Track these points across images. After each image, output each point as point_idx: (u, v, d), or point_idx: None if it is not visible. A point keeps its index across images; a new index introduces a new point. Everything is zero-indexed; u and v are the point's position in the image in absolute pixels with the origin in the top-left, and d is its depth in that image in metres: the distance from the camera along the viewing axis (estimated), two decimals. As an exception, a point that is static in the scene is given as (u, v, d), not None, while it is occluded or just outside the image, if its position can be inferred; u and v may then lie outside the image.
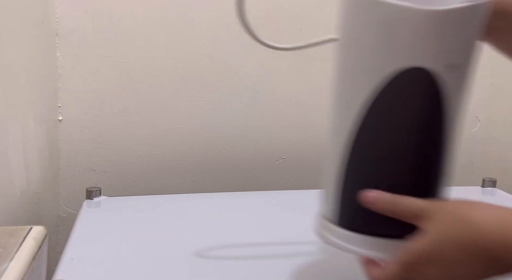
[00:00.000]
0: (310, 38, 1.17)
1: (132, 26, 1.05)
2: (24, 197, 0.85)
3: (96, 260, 0.71)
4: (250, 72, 1.12)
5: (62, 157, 1.07)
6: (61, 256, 0.71)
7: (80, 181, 1.08)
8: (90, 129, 1.07)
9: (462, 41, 0.47)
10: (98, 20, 1.04)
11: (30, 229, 0.64)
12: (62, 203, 1.09)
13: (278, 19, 1.11)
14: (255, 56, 1.12)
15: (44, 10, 0.99)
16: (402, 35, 0.45)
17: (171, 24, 1.07)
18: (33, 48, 0.92)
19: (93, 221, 0.84)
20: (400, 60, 0.45)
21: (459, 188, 1.11)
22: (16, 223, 0.75)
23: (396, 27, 0.45)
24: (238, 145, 1.13)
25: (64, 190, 1.09)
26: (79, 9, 1.03)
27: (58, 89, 1.05)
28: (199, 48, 1.08)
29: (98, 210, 0.88)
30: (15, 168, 0.81)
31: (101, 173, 1.09)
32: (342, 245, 0.51)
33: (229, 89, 1.10)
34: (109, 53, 1.05)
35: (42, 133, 0.97)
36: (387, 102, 0.47)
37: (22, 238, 0.61)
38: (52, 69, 1.03)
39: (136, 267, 0.69)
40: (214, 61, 1.01)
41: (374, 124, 0.49)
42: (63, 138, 1.07)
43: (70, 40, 1.03)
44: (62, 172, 1.08)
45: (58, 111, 1.06)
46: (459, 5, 0.44)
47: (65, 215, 1.07)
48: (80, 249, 0.73)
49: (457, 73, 0.47)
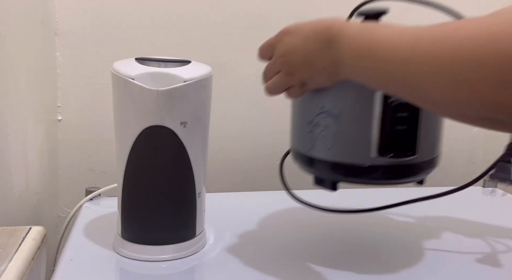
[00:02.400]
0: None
1: (132, 26, 1.05)
2: (23, 197, 0.85)
3: (95, 260, 0.70)
4: (250, 71, 1.12)
5: (62, 157, 1.07)
6: (60, 256, 0.71)
7: (79, 181, 1.07)
8: (90, 129, 1.07)
9: (189, 106, 0.67)
10: (97, 20, 1.04)
11: (29, 229, 0.63)
12: (61, 203, 1.09)
13: (278, 19, 1.11)
14: (255, 56, 1.12)
15: (44, 10, 0.98)
16: (144, 104, 0.65)
17: (171, 24, 1.06)
18: (33, 48, 0.92)
19: (93, 221, 0.83)
20: (147, 120, 0.66)
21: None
22: (16, 223, 0.75)
23: (139, 99, 0.65)
24: (238, 145, 1.13)
25: (63, 190, 1.08)
26: (78, 9, 1.03)
27: (58, 89, 1.05)
28: (199, 48, 1.08)
29: (98, 210, 0.88)
30: (14, 168, 0.81)
31: (100, 173, 1.09)
32: (126, 253, 0.71)
33: (229, 88, 1.10)
34: (109, 53, 1.04)
35: (41, 133, 0.97)
36: (143, 146, 0.67)
37: (21, 238, 0.61)
38: (51, 69, 1.03)
39: (135, 268, 0.69)
40: (214, 61, 1.00)
41: (138, 160, 0.68)
42: (62, 138, 1.07)
43: (69, 40, 1.03)
44: (61, 172, 1.08)
45: (57, 111, 1.05)
46: (178, 84, 0.65)
47: (65, 216, 1.07)
48: (80, 250, 0.73)
49: (190, 127, 0.67)
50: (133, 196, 0.70)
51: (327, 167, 0.64)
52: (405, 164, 0.63)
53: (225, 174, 0.87)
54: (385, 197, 1.02)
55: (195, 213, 0.72)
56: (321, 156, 0.64)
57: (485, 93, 0.37)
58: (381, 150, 0.61)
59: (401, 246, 0.80)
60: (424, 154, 0.64)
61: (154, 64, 0.68)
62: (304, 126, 0.66)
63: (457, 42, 0.39)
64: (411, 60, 0.43)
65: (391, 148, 0.61)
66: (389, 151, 0.61)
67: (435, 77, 0.41)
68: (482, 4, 1.11)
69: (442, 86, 0.40)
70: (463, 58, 0.38)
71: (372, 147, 0.61)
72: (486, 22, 0.38)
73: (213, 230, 0.81)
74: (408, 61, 0.43)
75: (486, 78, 0.37)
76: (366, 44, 0.48)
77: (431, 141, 0.65)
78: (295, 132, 0.69)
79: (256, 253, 0.74)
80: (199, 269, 0.71)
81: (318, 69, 0.56)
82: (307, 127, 0.65)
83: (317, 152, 0.64)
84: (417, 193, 0.79)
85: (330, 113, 0.62)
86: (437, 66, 0.40)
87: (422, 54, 0.42)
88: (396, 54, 0.45)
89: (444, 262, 0.74)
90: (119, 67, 0.67)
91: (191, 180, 0.70)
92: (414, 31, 0.44)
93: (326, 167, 0.65)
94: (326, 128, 0.63)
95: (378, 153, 0.61)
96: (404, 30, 0.46)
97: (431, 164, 0.66)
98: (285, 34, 0.60)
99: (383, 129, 0.61)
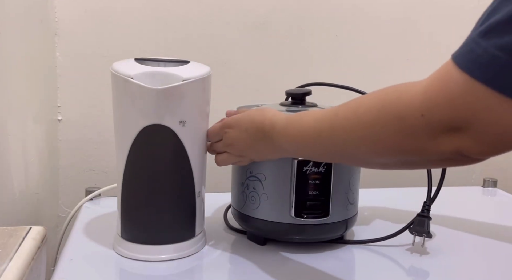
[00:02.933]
0: (310, 37, 1.18)
1: (131, 26, 1.05)
2: (23, 197, 0.85)
3: (95, 260, 0.70)
4: (250, 71, 1.12)
5: (62, 157, 1.07)
6: (60, 256, 0.71)
7: (79, 181, 1.07)
8: (90, 129, 1.07)
9: (188, 105, 0.68)
10: (97, 20, 1.04)
11: (29, 229, 0.63)
12: (61, 203, 1.09)
13: (279, 19, 1.11)
14: (255, 56, 1.12)
15: (44, 10, 0.98)
16: (143, 103, 0.66)
17: (171, 24, 1.06)
18: (33, 48, 0.92)
19: (93, 221, 0.83)
20: (146, 119, 0.66)
21: (460, 188, 1.12)
22: (15, 223, 0.75)
23: (138, 98, 0.66)
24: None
25: (63, 190, 1.08)
26: (78, 9, 1.03)
27: (58, 89, 1.05)
28: (200, 48, 1.08)
29: (98, 210, 0.88)
30: (14, 168, 0.81)
31: (100, 173, 1.09)
32: (125, 253, 0.71)
33: (229, 88, 1.10)
34: (109, 53, 1.04)
35: (41, 133, 0.97)
36: (142, 145, 0.68)
37: (21, 238, 0.61)
38: (51, 69, 1.03)
39: (135, 268, 0.69)
40: (214, 61, 1.00)
41: (138, 160, 0.69)
42: (62, 138, 1.07)
43: (69, 40, 1.03)
44: (61, 172, 1.08)
45: (57, 111, 1.05)
46: (177, 83, 0.65)
47: (65, 215, 1.07)
48: (79, 249, 0.73)
49: (188, 126, 0.68)
50: (132, 196, 0.70)
51: (255, 224, 0.75)
52: (321, 223, 0.73)
53: (225, 174, 0.87)
54: (385, 197, 1.02)
55: (195, 213, 0.72)
56: (250, 213, 0.75)
57: (393, 143, 0.48)
58: (298, 211, 0.71)
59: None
60: (337, 215, 0.73)
61: (153, 64, 0.68)
62: (238, 186, 0.76)
63: (361, 114, 0.51)
64: (333, 136, 0.55)
65: (306, 210, 0.71)
66: (305, 212, 0.71)
67: (355, 142, 0.53)
68: (482, 4, 1.11)
69: (361, 147, 0.52)
70: (369, 125, 0.50)
71: (291, 208, 0.71)
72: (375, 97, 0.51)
73: (213, 230, 0.81)
74: (331, 137, 0.56)
75: (391, 134, 0.48)
76: (296, 134, 0.61)
77: (343, 204, 0.74)
78: (232, 190, 0.79)
79: (256, 253, 0.74)
80: (199, 269, 0.71)
81: (264, 153, 0.68)
82: (240, 187, 0.76)
83: (248, 210, 0.75)
84: (417, 193, 0.79)
85: (257, 177, 0.73)
86: (353, 136, 0.52)
87: (339, 129, 0.54)
88: (321, 134, 0.57)
89: (444, 262, 0.74)
90: (118, 67, 0.67)
91: (190, 180, 0.70)
92: (327, 112, 0.57)
93: (254, 224, 0.75)
94: (254, 190, 0.73)
95: (295, 214, 0.71)
96: (320, 114, 0.58)
97: (346, 224, 0.75)
98: (228, 128, 0.70)
99: (299, 193, 0.71)
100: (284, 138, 0.63)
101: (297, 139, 0.61)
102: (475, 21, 0.43)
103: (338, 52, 1.14)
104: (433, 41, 1.17)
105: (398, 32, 1.16)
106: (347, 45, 1.15)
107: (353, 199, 0.76)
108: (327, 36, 1.14)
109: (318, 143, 0.58)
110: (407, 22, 1.16)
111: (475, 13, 0.44)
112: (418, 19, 1.17)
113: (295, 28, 1.12)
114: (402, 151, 0.48)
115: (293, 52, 1.13)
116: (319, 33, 1.13)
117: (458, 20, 1.16)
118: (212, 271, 0.70)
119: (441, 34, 1.17)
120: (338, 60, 1.15)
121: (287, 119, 0.63)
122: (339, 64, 1.15)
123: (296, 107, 0.77)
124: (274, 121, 0.64)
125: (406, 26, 1.16)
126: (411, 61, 1.17)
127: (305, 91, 0.78)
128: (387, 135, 0.48)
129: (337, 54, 1.14)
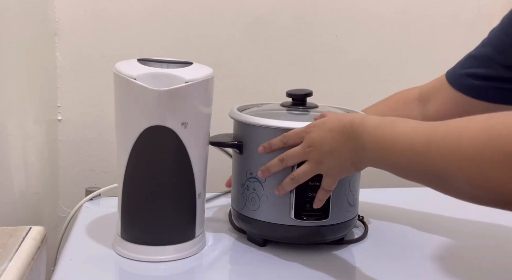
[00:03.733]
0: (310, 37, 1.18)
1: (131, 26, 1.05)
2: (23, 197, 0.85)
3: (95, 260, 0.70)
4: (250, 71, 1.12)
5: (62, 157, 1.07)
6: (60, 256, 0.71)
7: (79, 181, 1.07)
8: (90, 129, 1.07)
9: (190, 106, 0.67)
10: (97, 20, 1.04)
11: (29, 229, 0.63)
12: (61, 203, 1.09)
13: (279, 19, 1.11)
14: (255, 56, 1.12)
15: (44, 10, 0.98)
16: (146, 105, 0.66)
17: (171, 24, 1.06)
18: (33, 48, 0.92)
19: (93, 221, 0.83)
20: (148, 120, 0.66)
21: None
22: (15, 223, 0.75)
23: (140, 99, 0.66)
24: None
25: (63, 190, 1.08)
26: (78, 9, 1.03)
27: (58, 89, 1.05)
28: (200, 48, 1.08)
29: (98, 210, 0.88)
30: (14, 168, 0.81)
31: (100, 173, 1.09)
32: (125, 253, 0.70)
33: (229, 88, 1.10)
34: (109, 53, 1.04)
35: (41, 133, 0.97)
36: (143, 146, 0.67)
37: (21, 238, 0.61)
38: (51, 69, 1.03)
39: (135, 268, 0.69)
40: (214, 61, 1.00)
41: (139, 160, 0.69)
42: (62, 138, 1.07)
43: (69, 40, 1.03)
44: (61, 172, 1.08)
45: (57, 111, 1.05)
46: (180, 85, 0.65)
47: (65, 216, 1.07)
48: (79, 250, 0.73)
49: (190, 128, 0.68)
50: (133, 196, 0.70)
51: (255, 225, 0.74)
52: (320, 225, 0.72)
53: (226, 175, 0.87)
54: (385, 197, 1.02)
55: (195, 214, 0.72)
56: (250, 215, 0.74)
57: (497, 179, 0.44)
58: (298, 213, 0.71)
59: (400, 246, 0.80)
60: (337, 217, 0.73)
61: (156, 65, 0.68)
62: (238, 187, 0.76)
63: (464, 144, 0.47)
64: (428, 153, 0.50)
65: (306, 212, 0.71)
66: (304, 214, 0.71)
67: (452, 170, 0.48)
68: (482, 4, 1.11)
69: (460, 176, 0.47)
70: (472, 158, 0.46)
71: (291, 210, 0.71)
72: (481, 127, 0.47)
73: (213, 231, 0.81)
74: (425, 153, 0.50)
75: (497, 171, 0.44)
76: (387, 137, 0.56)
77: (343, 206, 0.74)
78: (233, 192, 0.79)
79: (256, 255, 0.74)
80: (199, 270, 0.71)
81: (343, 158, 0.64)
82: (240, 188, 0.75)
83: (247, 211, 0.74)
84: (417, 193, 0.79)
85: (257, 178, 0.73)
86: (452, 165, 0.48)
87: (435, 152, 0.49)
88: (413, 146, 0.52)
89: (444, 262, 0.74)
90: (121, 68, 0.67)
91: (191, 181, 0.70)
92: (425, 126, 0.53)
93: (254, 225, 0.75)
94: (254, 191, 0.73)
95: (295, 215, 0.71)
96: (417, 124, 0.54)
97: (345, 226, 0.75)
98: (313, 127, 0.67)
99: (299, 195, 0.71)
100: (370, 138, 0.58)
101: (385, 145, 0.56)
102: (475, 21, 0.43)
103: (338, 52, 1.15)
104: (433, 41, 1.17)
105: (398, 32, 1.16)
106: (347, 45, 1.15)
107: (353, 200, 0.75)
108: (327, 36, 1.14)
109: (408, 155, 0.53)
110: (407, 22, 1.16)
111: (475, 13, 0.44)
112: (418, 19, 1.17)
113: (295, 28, 1.12)
114: (508, 191, 0.44)
115: (293, 52, 1.13)
116: (319, 33, 1.13)
117: (458, 20, 1.16)
118: (212, 272, 0.70)
119: (441, 34, 1.17)
120: (338, 60, 1.15)
121: (380, 119, 0.60)
122: (339, 64, 1.15)
123: (297, 108, 0.77)
124: (365, 119, 0.61)
125: (406, 26, 1.16)
126: (411, 61, 1.17)
127: (305, 92, 0.78)
128: (492, 173, 0.45)
129: (337, 54, 1.15)
